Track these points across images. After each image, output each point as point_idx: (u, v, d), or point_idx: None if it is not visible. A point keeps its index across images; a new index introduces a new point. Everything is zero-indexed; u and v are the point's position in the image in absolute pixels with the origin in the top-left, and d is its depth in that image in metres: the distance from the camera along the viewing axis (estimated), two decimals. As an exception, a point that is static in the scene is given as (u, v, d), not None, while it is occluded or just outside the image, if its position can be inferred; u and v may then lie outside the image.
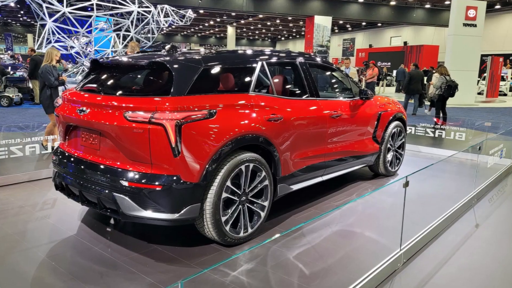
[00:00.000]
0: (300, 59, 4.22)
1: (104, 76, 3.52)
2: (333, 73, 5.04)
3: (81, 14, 19.34)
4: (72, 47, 20.13)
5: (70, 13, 18.59)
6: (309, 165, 4.01)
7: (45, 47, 17.82)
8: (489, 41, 28.99)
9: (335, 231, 3.74)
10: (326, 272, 2.99)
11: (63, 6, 18.24)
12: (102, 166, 3.09)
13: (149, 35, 21.92)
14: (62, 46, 19.41)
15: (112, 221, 3.77)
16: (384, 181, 5.25)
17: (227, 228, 3.17)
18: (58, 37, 19.10)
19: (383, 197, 4.58)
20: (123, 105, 2.95)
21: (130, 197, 2.91)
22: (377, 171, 5.35)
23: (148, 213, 2.92)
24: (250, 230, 3.36)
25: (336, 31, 44.07)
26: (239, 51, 3.90)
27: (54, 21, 18.71)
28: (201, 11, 32.01)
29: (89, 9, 19.51)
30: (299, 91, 4.16)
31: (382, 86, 23.92)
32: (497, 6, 29.48)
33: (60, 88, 6.41)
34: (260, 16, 35.14)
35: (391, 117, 5.24)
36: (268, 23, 42.49)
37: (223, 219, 3.13)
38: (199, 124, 2.96)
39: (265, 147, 3.44)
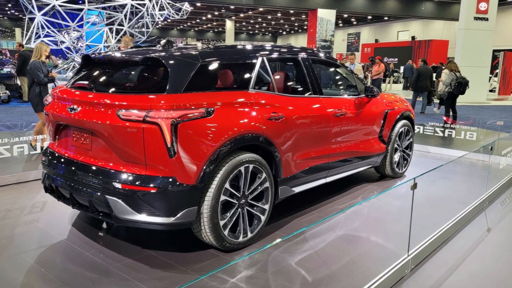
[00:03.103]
0: (302, 55, 4.22)
1: (96, 73, 3.52)
2: (337, 70, 5.04)
3: (72, 7, 19.37)
4: (62, 42, 20.16)
5: (60, 6, 18.61)
6: (312, 166, 4.02)
7: (34, 42, 17.85)
8: (502, 36, 28.97)
9: (339, 235, 3.74)
10: (330, 279, 2.99)
11: (53, -2, 18.28)
12: (94, 167, 3.09)
13: (143, 29, 21.96)
14: (52, 41, 19.44)
15: (104, 225, 3.77)
16: (390, 183, 5.26)
17: (226, 232, 3.17)
18: (47, 32, 19.13)
19: (390, 200, 4.59)
20: (116, 103, 2.95)
21: (123, 199, 2.91)
22: (383, 173, 5.36)
23: (143, 217, 2.92)
24: (250, 235, 3.36)
25: (341, 25, 44.08)
26: (238, 46, 3.90)
27: (44, 14, 18.74)
28: (198, 4, 32.02)
29: (80, 2, 19.54)
30: (301, 89, 4.16)
31: (389, 83, 23.95)
32: (510, -1, 29.47)
33: (50, 85, 6.42)
34: (261, 9, 35.15)
35: (398, 116, 5.24)
36: (269, 17, 42.51)
37: (222, 223, 3.13)
38: (196, 123, 2.97)
39: (266, 147, 3.44)
